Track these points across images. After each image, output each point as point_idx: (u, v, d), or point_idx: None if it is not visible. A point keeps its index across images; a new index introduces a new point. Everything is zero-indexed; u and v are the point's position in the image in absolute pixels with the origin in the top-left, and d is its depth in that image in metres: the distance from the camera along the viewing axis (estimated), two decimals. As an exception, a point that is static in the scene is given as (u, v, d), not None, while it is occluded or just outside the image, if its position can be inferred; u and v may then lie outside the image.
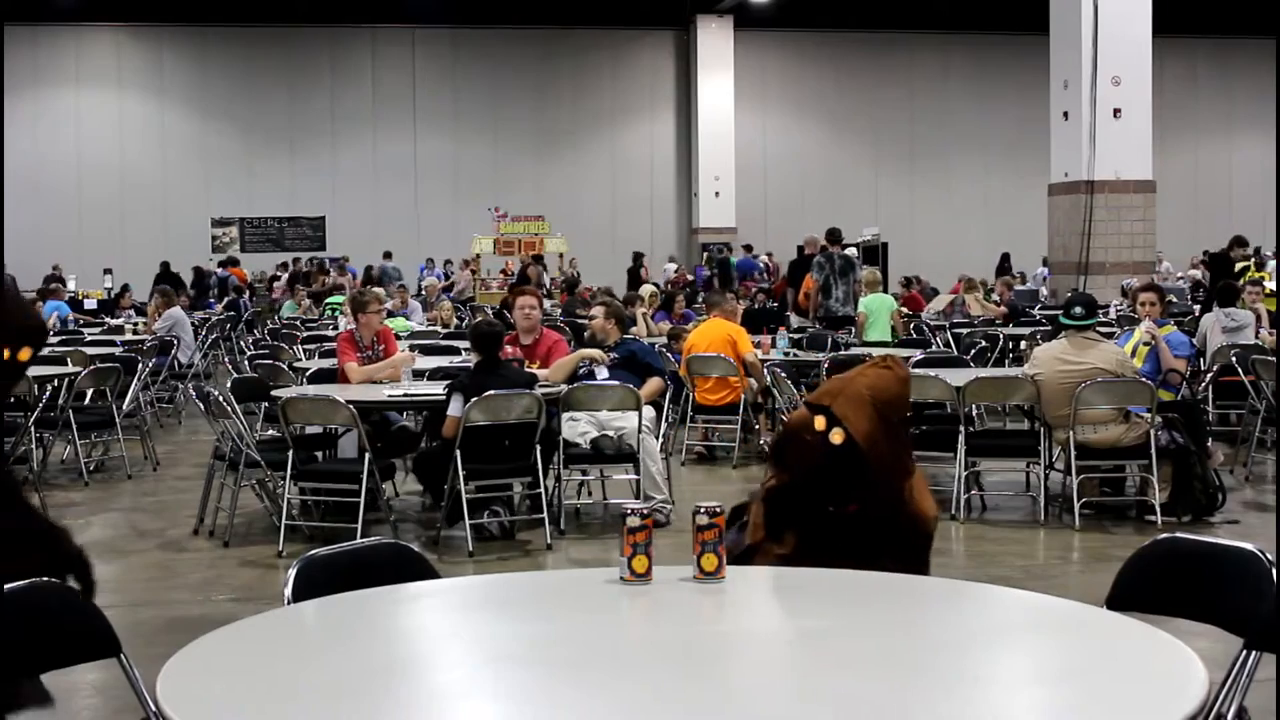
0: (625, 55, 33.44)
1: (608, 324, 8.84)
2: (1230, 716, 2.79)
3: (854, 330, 14.55)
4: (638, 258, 28.59)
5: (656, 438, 8.34)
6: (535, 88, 32.71)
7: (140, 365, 11.00)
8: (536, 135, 32.80)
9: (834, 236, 16.28)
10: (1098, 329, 8.62)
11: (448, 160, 32.40)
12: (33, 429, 8.52)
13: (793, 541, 3.92)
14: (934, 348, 13.10)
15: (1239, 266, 15.06)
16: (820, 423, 3.63)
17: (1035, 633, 2.99)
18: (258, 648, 2.86)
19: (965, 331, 14.45)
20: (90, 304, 22.42)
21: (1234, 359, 10.02)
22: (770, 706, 2.47)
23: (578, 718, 2.44)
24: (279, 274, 27.26)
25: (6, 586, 2.92)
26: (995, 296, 18.65)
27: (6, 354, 3.35)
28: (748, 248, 29.53)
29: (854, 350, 12.49)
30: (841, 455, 3.57)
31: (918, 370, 9.12)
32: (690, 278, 26.99)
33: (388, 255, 28.44)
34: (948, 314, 17.80)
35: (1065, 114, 18.54)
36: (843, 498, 3.66)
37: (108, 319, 19.12)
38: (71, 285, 24.75)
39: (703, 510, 3.26)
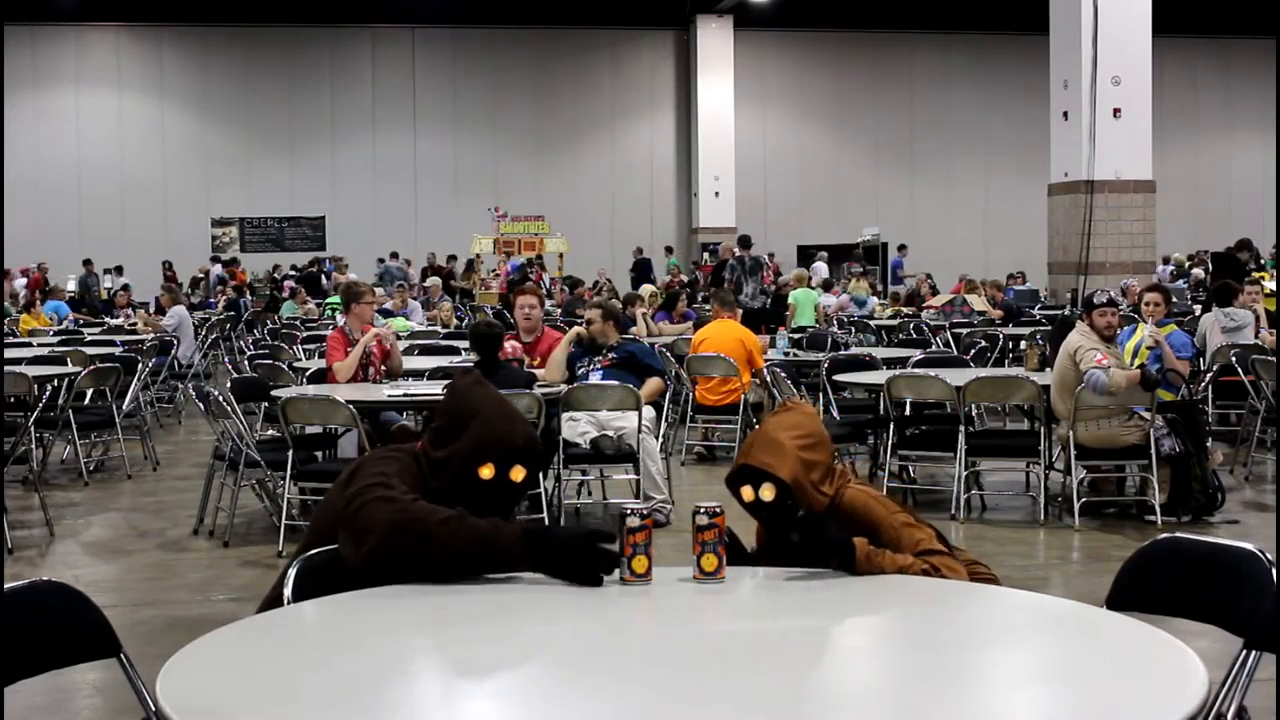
0: (625, 55, 33.42)
1: (606, 325, 8.83)
2: (1230, 716, 2.79)
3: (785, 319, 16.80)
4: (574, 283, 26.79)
5: (656, 438, 8.33)
6: (535, 88, 32.70)
7: (140, 365, 11.00)
8: (536, 135, 32.79)
9: (744, 243, 18.75)
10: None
11: (447, 160, 32.39)
12: (33, 429, 8.50)
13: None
14: (934, 347, 13.11)
15: (1255, 275, 15.01)
16: (748, 493, 3.42)
17: (1035, 633, 2.99)
18: (258, 648, 2.86)
19: (965, 331, 14.46)
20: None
21: (1234, 359, 10.02)
22: (770, 706, 2.47)
23: (578, 718, 2.43)
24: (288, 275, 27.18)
25: (7, 586, 2.92)
26: (986, 298, 18.65)
27: (490, 471, 3.26)
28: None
29: (854, 350, 12.52)
30: (780, 506, 3.40)
31: (918, 370, 9.13)
32: (685, 279, 26.92)
33: (394, 255, 28.47)
34: (947, 313, 17.81)
35: (1065, 114, 18.53)
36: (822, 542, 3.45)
37: (107, 319, 19.13)
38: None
39: (703, 510, 3.25)
